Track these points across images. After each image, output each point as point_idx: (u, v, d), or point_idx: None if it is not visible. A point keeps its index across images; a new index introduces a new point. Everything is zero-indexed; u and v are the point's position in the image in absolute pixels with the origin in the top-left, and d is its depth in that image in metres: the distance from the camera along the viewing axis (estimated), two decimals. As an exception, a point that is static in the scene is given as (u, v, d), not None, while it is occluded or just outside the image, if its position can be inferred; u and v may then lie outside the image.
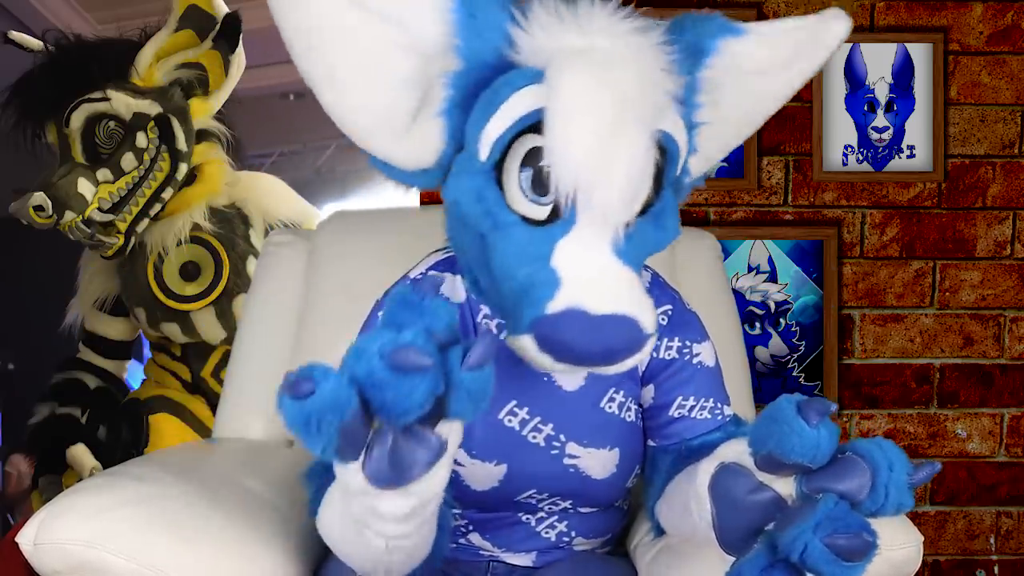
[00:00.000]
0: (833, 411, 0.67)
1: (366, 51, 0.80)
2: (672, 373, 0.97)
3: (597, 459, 0.96)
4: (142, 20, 2.05)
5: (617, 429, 0.97)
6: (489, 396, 0.64)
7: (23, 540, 0.89)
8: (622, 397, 0.97)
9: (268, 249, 1.42)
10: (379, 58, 0.81)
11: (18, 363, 3.34)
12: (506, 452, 0.94)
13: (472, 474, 0.95)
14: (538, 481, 0.96)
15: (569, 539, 1.03)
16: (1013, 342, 1.92)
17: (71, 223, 1.86)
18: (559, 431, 0.95)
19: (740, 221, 1.89)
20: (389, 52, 0.80)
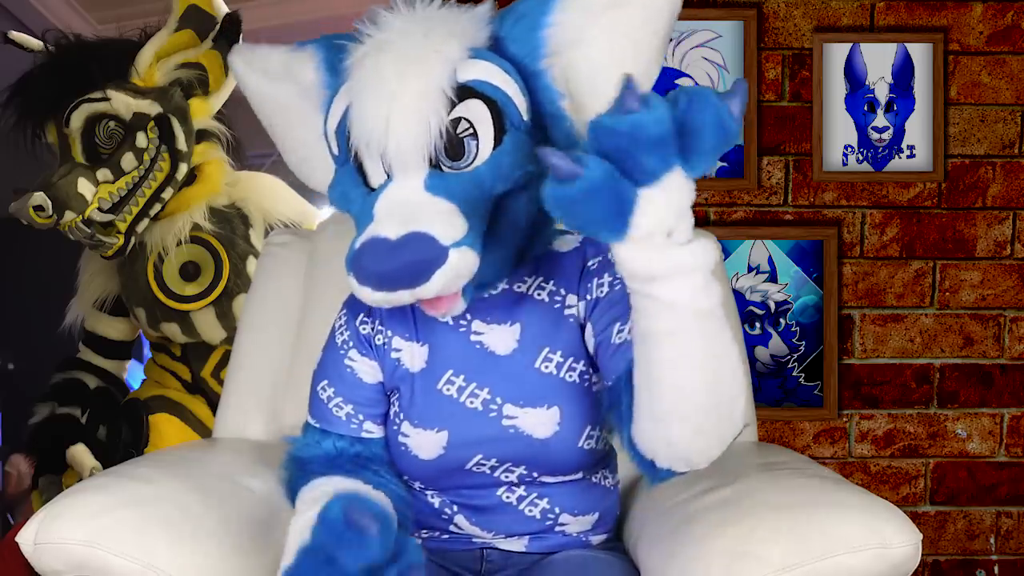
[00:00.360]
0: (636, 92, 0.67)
1: (279, 111, 1.05)
2: (606, 306, 0.97)
3: (535, 418, 0.97)
4: (142, 20, 2.05)
5: (556, 388, 0.98)
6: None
7: (23, 540, 0.89)
8: (560, 357, 0.99)
9: (268, 249, 1.42)
10: (289, 113, 1.04)
11: (18, 363, 3.34)
12: (445, 419, 0.99)
13: (417, 443, 0.99)
14: (481, 445, 0.98)
15: (555, 516, 1.03)
16: (1013, 342, 1.92)
17: (71, 223, 1.86)
18: (495, 394, 0.98)
19: (740, 221, 1.89)
20: (294, 104, 1.02)
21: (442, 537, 1.05)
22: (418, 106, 0.84)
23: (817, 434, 1.93)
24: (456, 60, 0.87)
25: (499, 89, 0.88)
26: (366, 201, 0.88)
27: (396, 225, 0.82)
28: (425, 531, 1.06)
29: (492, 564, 1.04)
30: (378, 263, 0.81)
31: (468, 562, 1.04)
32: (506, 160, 0.88)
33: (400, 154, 0.85)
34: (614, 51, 0.91)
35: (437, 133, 0.85)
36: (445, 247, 0.81)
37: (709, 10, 1.86)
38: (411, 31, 0.87)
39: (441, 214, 0.84)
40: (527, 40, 0.91)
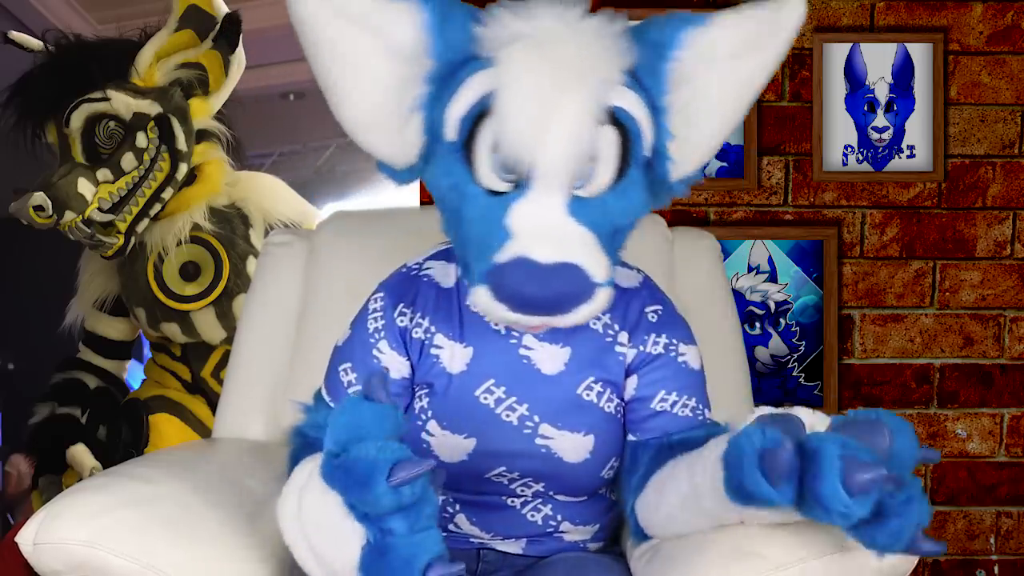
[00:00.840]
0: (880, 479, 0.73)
1: (351, 58, 0.90)
2: (657, 367, 0.99)
3: (571, 442, 0.97)
4: (142, 20, 2.05)
5: (594, 416, 0.98)
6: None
7: (23, 540, 0.89)
8: (601, 387, 0.99)
9: (268, 249, 1.42)
10: (363, 64, 0.90)
11: (18, 363, 3.34)
12: (477, 427, 0.97)
13: (441, 445, 0.98)
14: (507, 458, 0.98)
15: (556, 523, 1.03)
16: (1013, 342, 1.92)
17: (71, 223, 1.86)
18: (534, 411, 0.97)
19: (740, 221, 1.89)
20: (372, 58, 0.90)
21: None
22: (577, 127, 0.82)
23: (817, 434, 1.93)
24: (612, 84, 0.84)
25: (637, 123, 0.87)
26: (490, 208, 0.85)
27: (548, 250, 0.80)
28: None
29: (488, 565, 1.04)
30: (527, 286, 0.79)
31: (464, 561, 1.04)
32: (635, 196, 0.88)
33: (553, 169, 0.82)
34: (721, 96, 0.91)
35: (586, 157, 0.83)
36: (595, 284, 0.81)
37: (709, 10, 1.86)
38: (565, 37, 0.84)
39: (588, 246, 0.82)
40: (653, 71, 0.89)
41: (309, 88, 4.57)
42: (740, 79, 0.91)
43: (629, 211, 0.88)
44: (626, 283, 1.03)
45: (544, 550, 1.04)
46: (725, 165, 1.88)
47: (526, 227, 0.82)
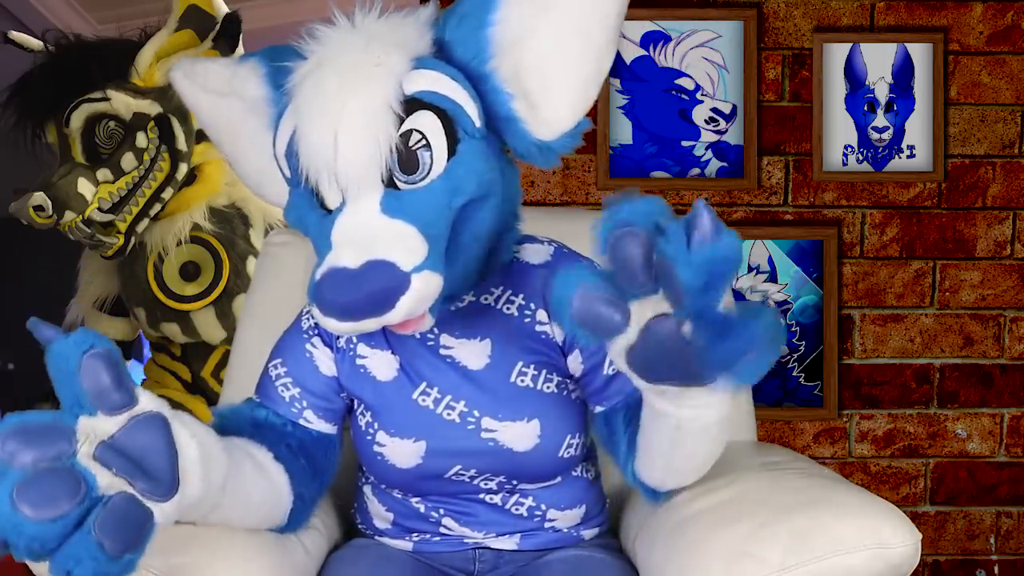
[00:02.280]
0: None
1: (225, 125, 1.02)
2: None
3: (515, 431, 0.97)
4: (142, 20, 2.04)
5: (534, 400, 0.98)
6: None
7: (23, 540, 0.88)
8: (534, 370, 0.98)
9: (268, 249, 1.42)
10: (237, 127, 1.00)
11: (18, 363, 3.34)
12: (423, 429, 0.98)
13: (393, 452, 0.98)
14: (459, 457, 0.98)
15: (542, 513, 1.03)
16: (1013, 342, 1.92)
17: (71, 223, 1.86)
18: (472, 407, 0.97)
19: (740, 221, 1.89)
20: (240, 120, 0.99)
21: (433, 539, 1.05)
22: (365, 125, 0.82)
23: (817, 434, 1.93)
24: (401, 72, 0.84)
25: (448, 98, 0.85)
26: (323, 225, 0.86)
27: (355, 253, 0.80)
28: (416, 534, 1.06)
29: (485, 564, 1.04)
30: (340, 294, 0.79)
31: (461, 563, 1.04)
32: (461, 171, 0.86)
33: (351, 176, 0.83)
34: (563, 43, 0.88)
35: (388, 151, 0.83)
36: (407, 273, 0.79)
37: (709, 10, 1.86)
38: (352, 44, 0.85)
39: (400, 238, 0.82)
40: (472, 41, 0.88)
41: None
42: (580, 17, 0.87)
43: (464, 188, 0.86)
44: (536, 259, 1.02)
45: (539, 543, 1.04)
46: (725, 165, 1.88)
47: (343, 236, 0.82)
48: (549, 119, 0.90)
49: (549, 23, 0.87)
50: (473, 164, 0.86)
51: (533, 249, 1.03)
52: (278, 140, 0.90)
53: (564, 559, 1.02)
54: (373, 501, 1.08)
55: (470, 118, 0.87)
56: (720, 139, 1.88)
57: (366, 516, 1.10)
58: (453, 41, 0.89)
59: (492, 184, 0.89)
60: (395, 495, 1.05)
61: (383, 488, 1.05)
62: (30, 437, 0.70)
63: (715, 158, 1.88)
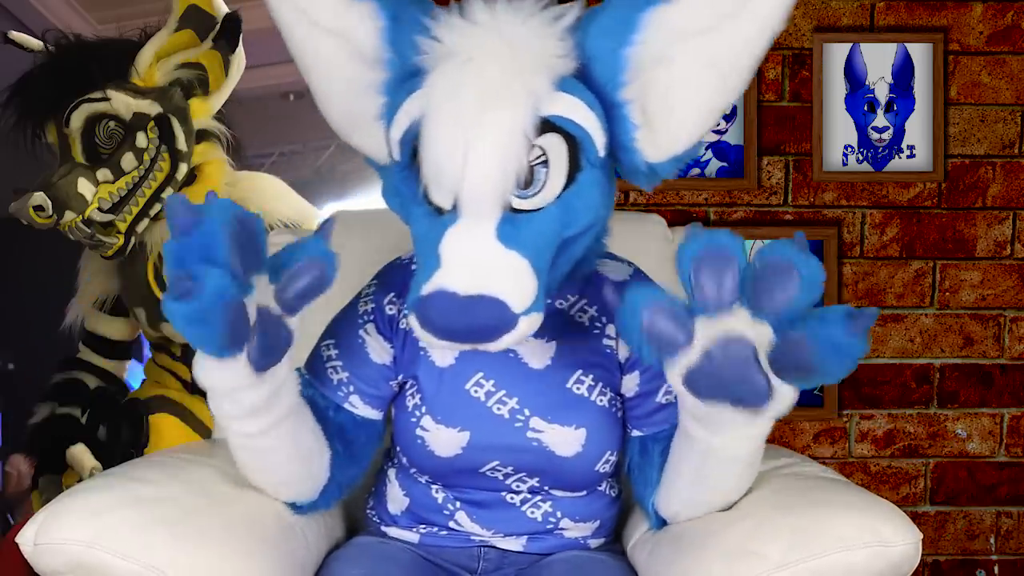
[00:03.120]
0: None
1: (323, 62, 0.94)
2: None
3: (561, 436, 0.97)
4: (142, 20, 2.04)
5: (586, 410, 0.98)
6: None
7: (23, 540, 0.89)
8: (592, 381, 0.99)
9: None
10: (335, 67, 0.93)
11: (18, 363, 3.34)
12: (469, 419, 0.98)
13: (436, 439, 0.98)
14: (500, 452, 0.98)
15: (556, 520, 1.03)
16: (1013, 342, 1.92)
17: (71, 223, 1.86)
18: (524, 405, 0.97)
19: (740, 221, 1.89)
20: (341, 62, 0.93)
21: (440, 533, 1.05)
22: (499, 150, 0.80)
23: (817, 434, 1.93)
24: (542, 95, 0.82)
25: (580, 127, 0.84)
26: (431, 229, 0.83)
27: (467, 280, 0.78)
28: (423, 526, 1.06)
29: (489, 563, 1.04)
30: (446, 319, 0.78)
31: (465, 560, 1.04)
32: (578, 204, 0.85)
33: (475, 198, 0.81)
34: (697, 76, 0.87)
35: (514, 178, 0.81)
36: (516, 315, 0.79)
37: None
38: (497, 51, 0.81)
39: (514, 275, 0.80)
40: (611, 60, 0.86)
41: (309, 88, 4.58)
42: (717, 52, 0.86)
43: (577, 218, 0.85)
44: (615, 276, 1.03)
45: (544, 547, 1.05)
46: (725, 165, 1.88)
47: (452, 257, 0.80)
48: (663, 144, 0.89)
49: (687, 52, 0.86)
50: (590, 196, 0.86)
51: (614, 266, 1.04)
52: (396, 123, 0.86)
53: (566, 559, 1.02)
54: (394, 484, 1.07)
55: (595, 148, 0.86)
56: (720, 139, 1.88)
57: (381, 501, 1.10)
58: (594, 58, 0.86)
59: (600, 214, 0.89)
60: (420, 480, 1.04)
61: (412, 472, 1.05)
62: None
63: (715, 158, 1.88)
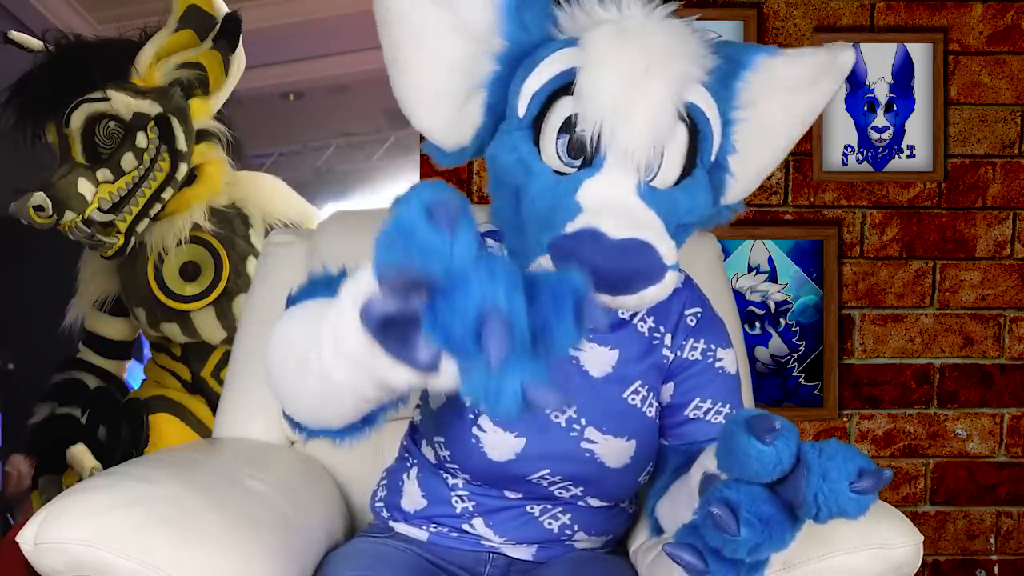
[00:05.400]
0: (778, 427, 0.69)
1: (420, 32, 0.90)
2: (693, 373, 0.99)
3: (614, 447, 0.97)
4: (142, 20, 2.04)
5: (637, 422, 0.98)
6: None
7: (23, 540, 0.89)
8: (646, 392, 0.99)
9: (268, 249, 1.42)
10: (432, 39, 0.90)
11: (18, 363, 3.34)
12: (527, 426, 0.96)
13: (491, 442, 0.96)
14: (553, 461, 0.97)
15: (571, 533, 1.03)
16: (1013, 342, 1.92)
17: (71, 223, 1.86)
18: (581, 414, 0.96)
19: (740, 221, 1.89)
20: (441, 34, 0.89)
21: (451, 535, 1.04)
22: (661, 109, 0.82)
23: (817, 434, 1.93)
24: (693, 81, 0.85)
25: (709, 123, 0.87)
26: (560, 183, 0.83)
27: (620, 226, 0.78)
28: (435, 525, 1.05)
29: (496, 569, 1.04)
30: (598, 259, 0.76)
31: (471, 563, 1.04)
32: (701, 194, 0.87)
33: (632, 148, 0.81)
34: (775, 125, 0.94)
35: (661, 144, 0.83)
36: (666, 266, 0.79)
37: (709, 10, 1.86)
38: (651, 27, 0.84)
39: (658, 228, 0.81)
40: (726, 85, 0.91)
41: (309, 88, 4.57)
42: (794, 112, 0.94)
43: (693, 209, 0.87)
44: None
45: (552, 556, 1.04)
46: (725, 165, 1.88)
47: (598, 202, 0.80)
48: (736, 184, 0.95)
49: (775, 104, 0.93)
50: (706, 191, 0.88)
51: None
52: (535, 74, 0.86)
53: (568, 559, 1.02)
54: (413, 484, 1.06)
55: (711, 150, 0.89)
56: (720, 139, 1.88)
57: (395, 498, 1.08)
58: (715, 77, 0.90)
59: (703, 214, 0.90)
60: (445, 481, 1.02)
61: (449, 470, 1.02)
62: None
63: (715, 158, 1.88)
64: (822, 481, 0.67)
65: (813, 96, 0.96)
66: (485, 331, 0.53)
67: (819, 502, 0.68)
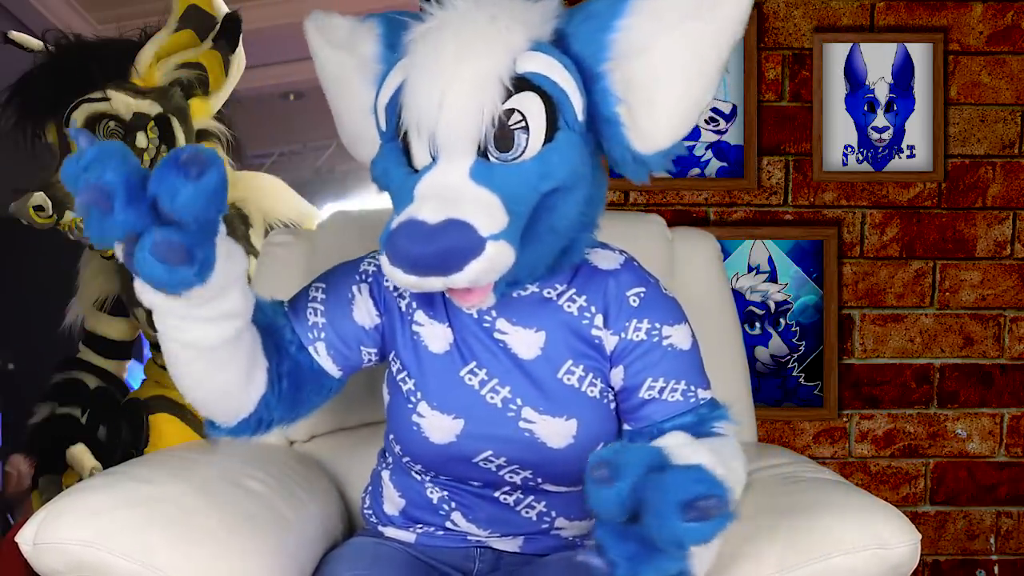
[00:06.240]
0: (607, 472, 0.70)
1: (337, 79, 1.06)
2: (640, 355, 0.98)
3: (553, 427, 0.97)
4: (142, 20, 2.04)
5: (577, 401, 0.98)
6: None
7: (23, 540, 0.89)
8: (582, 371, 0.99)
9: (268, 249, 1.42)
10: (346, 83, 1.04)
11: (18, 363, 3.34)
12: (464, 407, 0.98)
13: (431, 425, 0.98)
14: (493, 442, 0.98)
15: (551, 520, 1.03)
16: (1013, 342, 1.92)
17: (71, 223, 1.86)
18: (516, 395, 0.97)
19: (740, 221, 1.89)
20: (348, 76, 1.03)
21: (436, 533, 1.05)
22: (473, 91, 0.83)
23: (817, 434, 1.93)
24: (518, 50, 0.86)
25: (557, 85, 0.87)
26: (407, 181, 0.87)
27: (436, 209, 0.81)
28: (420, 526, 1.06)
29: (485, 564, 1.04)
30: (413, 245, 0.80)
31: (460, 560, 1.04)
32: (555, 158, 0.87)
33: (449, 137, 0.84)
34: (678, 63, 0.89)
35: (489, 121, 0.84)
36: (483, 238, 0.81)
37: None
38: (475, 15, 0.86)
39: (483, 204, 0.83)
40: (592, 41, 0.89)
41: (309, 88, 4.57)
42: (700, 40, 0.88)
43: (555, 174, 0.87)
44: (605, 264, 1.02)
45: (541, 548, 1.04)
46: (725, 165, 1.88)
47: (425, 191, 0.84)
48: (647, 134, 0.91)
49: (670, 41, 0.88)
50: (567, 154, 0.88)
51: (604, 255, 1.03)
52: (383, 91, 0.92)
53: (561, 558, 1.02)
54: (389, 486, 1.08)
55: (573, 110, 0.88)
56: (720, 139, 1.88)
57: (377, 502, 1.10)
58: (573, 35, 0.90)
59: (581, 179, 0.90)
60: (414, 477, 1.05)
61: (405, 465, 1.04)
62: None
63: (715, 158, 1.88)
64: (654, 517, 0.68)
65: (718, 16, 0.87)
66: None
67: (661, 536, 0.68)
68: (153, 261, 0.72)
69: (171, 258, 0.73)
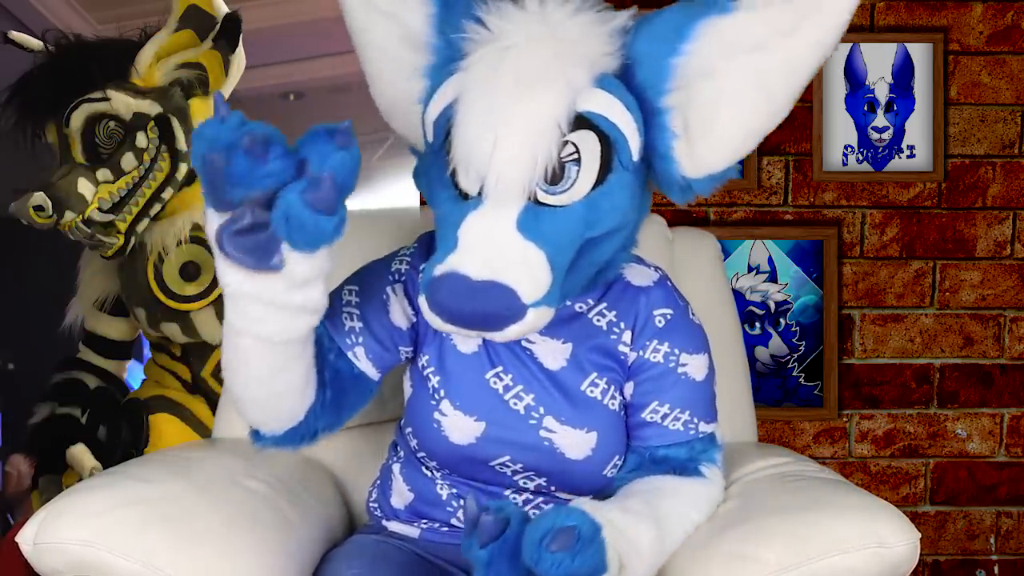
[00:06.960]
0: (482, 519, 0.79)
1: (374, 45, 0.97)
2: (653, 376, 0.98)
3: (573, 438, 0.97)
4: (142, 20, 2.04)
5: (598, 413, 0.98)
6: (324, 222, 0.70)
7: (23, 540, 0.89)
8: (605, 384, 0.99)
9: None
10: (385, 51, 0.96)
11: (18, 363, 3.34)
12: (487, 410, 0.97)
13: (452, 424, 0.98)
14: (513, 447, 0.98)
15: None
16: (1013, 342, 1.92)
17: (71, 223, 1.86)
18: (539, 403, 0.97)
19: (740, 221, 1.89)
20: (392, 45, 0.96)
21: (441, 530, 1.05)
22: (529, 139, 0.80)
23: (817, 434, 1.93)
24: (580, 88, 0.82)
25: (616, 127, 0.84)
26: (452, 212, 0.84)
27: (480, 265, 0.79)
28: (425, 521, 1.06)
29: None
30: (454, 301, 0.79)
31: (460, 558, 1.04)
32: (606, 204, 0.85)
33: (500, 184, 0.81)
34: (743, 92, 0.85)
35: (543, 169, 0.81)
36: (525, 305, 0.79)
37: None
38: (540, 42, 0.82)
39: (528, 265, 0.80)
40: (657, 67, 0.86)
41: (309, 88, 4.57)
42: (767, 72, 0.85)
43: (603, 221, 0.85)
44: (639, 281, 1.02)
45: None
46: (725, 165, 1.88)
47: (469, 241, 0.81)
48: (701, 159, 0.89)
49: (736, 68, 0.85)
50: (618, 199, 0.86)
51: (639, 270, 1.03)
52: (432, 104, 0.88)
53: None
54: (398, 479, 1.07)
55: (630, 152, 0.86)
56: (720, 139, 1.88)
57: (384, 495, 1.10)
58: (639, 62, 0.86)
59: (628, 220, 0.89)
60: (426, 473, 1.04)
61: (419, 459, 1.04)
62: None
63: (715, 158, 1.88)
64: (530, 549, 0.76)
65: (793, 50, 0.84)
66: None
67: (537, 569, 0.75)
68: (302, 205, 0.69)
69: (320, 204, 0.69)
